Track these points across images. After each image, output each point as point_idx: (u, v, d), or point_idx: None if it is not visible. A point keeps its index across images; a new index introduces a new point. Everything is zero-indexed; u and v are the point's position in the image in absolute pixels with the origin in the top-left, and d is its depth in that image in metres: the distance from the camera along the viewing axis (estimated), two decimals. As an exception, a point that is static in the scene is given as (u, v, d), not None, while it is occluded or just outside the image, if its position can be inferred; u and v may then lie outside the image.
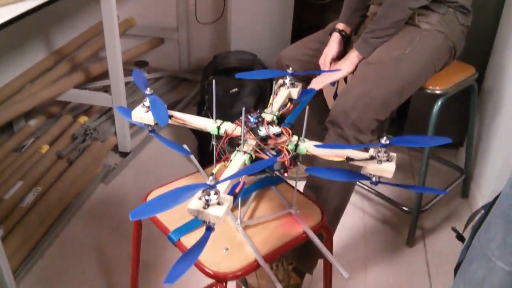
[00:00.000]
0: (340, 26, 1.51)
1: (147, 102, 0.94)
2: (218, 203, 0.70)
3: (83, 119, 2.21)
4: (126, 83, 2.41)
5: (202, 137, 2.01)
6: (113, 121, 2.12)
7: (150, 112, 0.93)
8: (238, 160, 0.83)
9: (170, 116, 0.94)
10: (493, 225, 0.77)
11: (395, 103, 1.35)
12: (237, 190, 0.79)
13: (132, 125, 2.18)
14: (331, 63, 1.48)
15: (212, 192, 0.70)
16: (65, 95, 2.12)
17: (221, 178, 0.76)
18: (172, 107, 2.36)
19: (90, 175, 1.95)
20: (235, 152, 0.84)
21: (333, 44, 1.49)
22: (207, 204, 0.70)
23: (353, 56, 1.41)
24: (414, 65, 1.36)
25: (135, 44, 2.69)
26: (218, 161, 0.88)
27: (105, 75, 2.11)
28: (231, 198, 0.72)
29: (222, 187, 0.75)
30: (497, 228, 0.76)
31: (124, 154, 2.11)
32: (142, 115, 0.93)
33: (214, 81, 0.93)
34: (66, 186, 1.81)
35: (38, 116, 2.18)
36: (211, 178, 0.70)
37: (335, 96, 1.52)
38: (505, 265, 0.74)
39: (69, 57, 2.37)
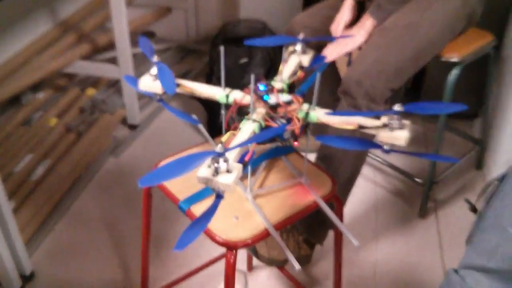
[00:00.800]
0: None
1: (154, 71, 0.91)
2: (228, 171, 0.69)
3: (91, 91, 2.19)
4: (134, 54, 2.38)
5: (211, 109, 1.98)
6: (121, 93, 2.10)
7: (157, 81, 0.91)
8: (247, 128, 0.80)
9: (178, 85, 0.92)
10: (507, 194, 0.75)
11: (410, 70, 1.31)
12: (246, 159, 0.77)
13: (140, 97, 2.16)
14: (343, 31, 1.43)
15: (221, 160, 0.68)
16: (72, 67, 2.10)
17: (230, 146, 0.74)
18: (181, 78, 2.32)
19: (100, 148, 1.94)
20: (244, 120, 0.82)
21: (346, 11, 1.43)
22: (217, 172, 0.68)
23: (367, 24, 1.36)
24: (431, 31, 1.31)
25: (142, 13, 2.64)
26: (227, 131, 0.86)
27: (112, 46, 2.07)
28: (240, 166, 0.70)
29: (232, 155, 0.73)
30: (511, 197, 0.73)
31: (133, 127, 2.10)
32: (149, 83, 0.91)
33: (222, 47, 0.89)
34: (76, 159, 1.81)
35: (46, 89, 2.17)
36: (220, 145, 0.68)
37: (349, 64, 1.47)
38: None
39: (75, 28, 2.33)
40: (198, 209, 0.88)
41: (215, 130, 1.05)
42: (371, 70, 1.25)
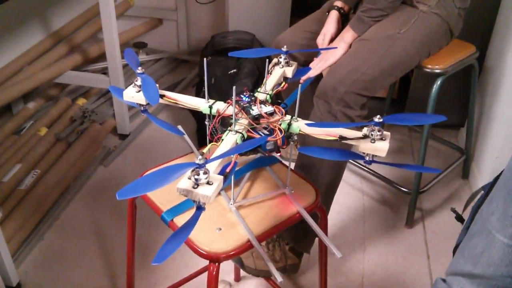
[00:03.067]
0: (339, 3, 1.49)
1: (138, 82, 0.92)
2: (208, 183, 0.70)
3: (81, 101, 2.20)
4: (125, 65, 2.40)
5: (201, 119, 2.00)
6: (112, 103, 2.11)
7: (141, 92, 0.92)
8: (229, 139, 0.82)
9: (162, 96, 0.93)
10: (495, 198, 0.76)
11: (385, 81, 1.35)
12: (228, 170, 0.78)
13: (130, 107, 2.16)
14: (329, 43, 1.46)
15: (201, 172, 0.69)
16: (63, 77, 2.10)
17: (212, 157, 0.75)
18: (171, 89, 2.34)
19: (89, 157, 1.95)
20: (227, 131, 0.83)
21: (331, 24, 1.47)
22: (197, 183, 0.69)
23: (347, 36, 1.39)
24: (408, 45, 1.34)
25: (134, 25, 2.66)
26: (211, 141, 0.87)
27: (103, 57, 2.09)
28: (221, 177, 0.71)
29: (212, 167, 0.74)
30: (498, 201, 0.75)
31: (123, 136, 2.11)
32: (133, 94, 0.92)
33: (206, 59, 0.91)
34: (65, 169, 1.81)
35: (37, 99, 2.18)
36: (200, 157, 0.69)
37: None
38: (504, 238, 0.73)
39: (67, 38, 2.35)
40: (181, 220, 0.89)
41: (204, 140, 1.06)
42: (347, 78, 1.28)
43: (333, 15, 1.47)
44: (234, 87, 0.83)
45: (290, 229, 1.34)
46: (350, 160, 1.75)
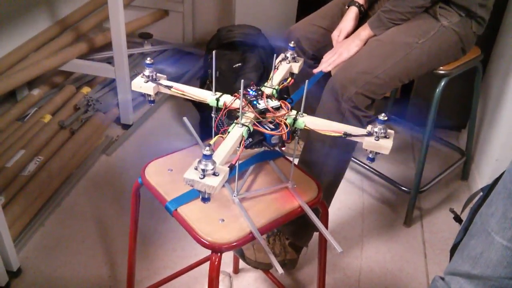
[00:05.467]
0: (360, 0, 1.48)
1: (147, 72, 0.94)
2: (214, 174, 0.71)
3: (86, 90, 2.20)
4: (130, 55, 2.40)
5: (203, 112, 2.01)
6: (116, 92, 2.12)
7: (149, 82, 0.93)
8: (235, 132, 0.83)
9: (170, 87, 0.94)
10: (494, 201, 0.78)
11: (393, 86, 1.37)
12: (233, 162, 0.79)
13: (134, 97, 2.18)
14: (344, 39, 1.46)
15: (209, 162, 0.71)
16: (69, 65, 2.11)
17: (218, 149, 0.76)
18: (175, 80, 2.34)
19: (92, 146, 1.96)
20: (233, 124, 0.85)
21: (349, 21, 1.45)
22: (203, 174, 0.70)
23: (363, 34, 1.39)
24: (423, 56, 1.35)
25: (140, 15, 2.66)
26: (216, 134, 0.88)
27: (109, 46, 2.09)
28: (227, 169, 0.73)
29: (219, 158, 0.75)
30: (498, 203, 0.76)
31: (126, 126, 2.12)
32: (142, 84, 0.93)
33: (214, 52, 0.92)
34: (68, 156, 1.82)
35: (41, 86, 2.19)
36: (207, 148, 0.70)
37: None
38: (503, 240, 0.74)
39: (73, 27, 2.35)
40: (185, 210, 0.90)
41: (207, 133, 1.07)
42: (359, 79, 1.28)
43: (353, 11, 1.46)
44: (242, 81, 0.84)
45: (290, 225, 1.35)
46: (352, 158, 1.75)
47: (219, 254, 0.86)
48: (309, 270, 1.51)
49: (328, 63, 1.39)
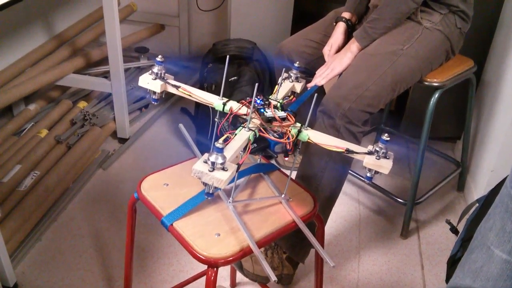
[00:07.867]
0: (346, 15, 1.50)
1: (155, 69, 0.95)
2: (223, 169, 0.72)
3: (82, 104, 2.21)
4: (126, 69, 2.42)
5: (200, 127, 2.01)
6: (112, 107, 2.12)
7: (157, 80, 0.94)
8: (242, 135, 0.84)
9: (178, 86, 0.95)
10: (492, 215, 0.78)
11: (388, 96, 1.37)
12: (240, 162, 0.80)
13: (131, 111, 2.19)
14: (335, 53, 1.47)
15: (219, 156, 0.72)
16: (65, 80, 2.12)
17: (227, 147, 0.77)
18: (171, 95, 2.36)
19: (89, 160, 1.96)
20: (240, 127, 0.86)
21: (339, 35, 1.48)
22: (213, 167, 0.72)
23: (354, 47, 1.41)
24: (411, 61, 1.36)
25: (136, 30, 2.68)
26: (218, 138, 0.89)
27: (105, 60, 2.11)
28: (235, 166, 0.74)
29: (229, 154, 0.76)
30: (496, 217, 0.77)
31: (122, 140, 2.12)
32: (149, 80, 0.94)
33: (228, 57, 0.94)
34: (64, 171, 1.82)
35: (38, 101, 2.19)
36: (220, 141, 0.72)
37: None
38: (502, 253, 0.75)
39: (70, 41, 2.37)
40: (181, 224, 0.90)
41: (202, 147, 1.08)
42: (351, 94, 1.29)
43: (341, 27, 1.48)
44: (256, 84, 0.86)
45: (288, 238, 1.35)
46: (348, 171, 1.76)
47: (215, 269, 0.86)
48: (306, 284, 1.50)
49: (322, 77, 1.41)
